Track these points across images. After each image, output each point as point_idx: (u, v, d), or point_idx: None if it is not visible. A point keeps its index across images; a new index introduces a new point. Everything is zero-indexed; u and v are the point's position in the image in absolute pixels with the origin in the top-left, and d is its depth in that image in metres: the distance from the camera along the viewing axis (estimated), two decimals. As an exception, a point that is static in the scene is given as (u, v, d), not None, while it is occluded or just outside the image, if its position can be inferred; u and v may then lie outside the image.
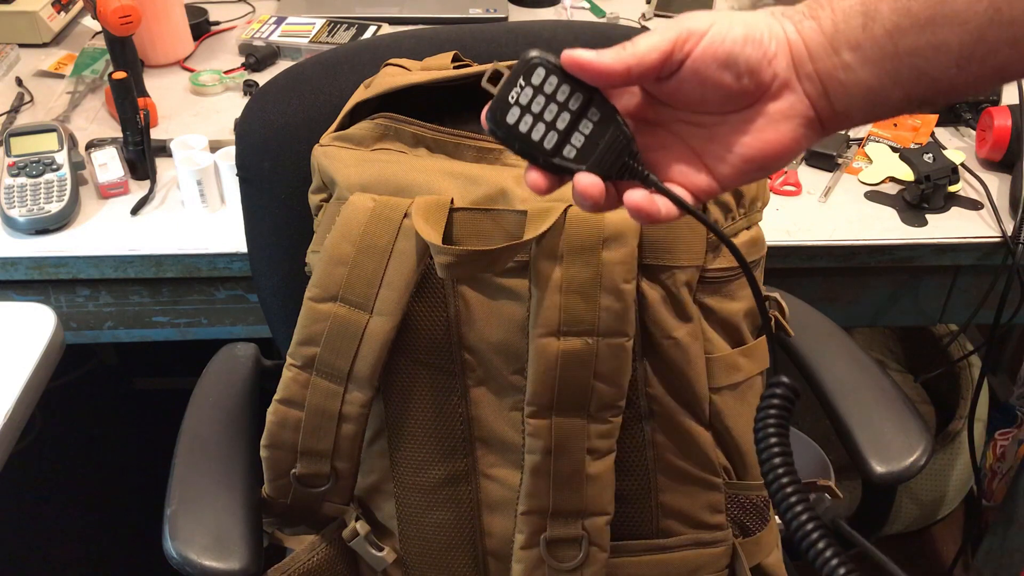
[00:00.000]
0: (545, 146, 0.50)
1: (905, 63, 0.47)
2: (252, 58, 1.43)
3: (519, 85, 0.49)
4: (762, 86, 0.49)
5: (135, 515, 1.74)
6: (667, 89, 0.50)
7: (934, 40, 0.46)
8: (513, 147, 0.50)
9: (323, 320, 0.75)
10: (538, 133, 0.50)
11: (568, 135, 0.50)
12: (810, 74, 0.49)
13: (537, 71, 0.49)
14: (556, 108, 0.50)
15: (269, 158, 0.87)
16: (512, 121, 0.50)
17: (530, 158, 0.51)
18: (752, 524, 0.84)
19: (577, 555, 0.78)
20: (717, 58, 0.48)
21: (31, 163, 1.13)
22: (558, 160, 0.50)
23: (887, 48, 0.47)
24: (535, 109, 0.50)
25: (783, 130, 0.50)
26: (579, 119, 0.50)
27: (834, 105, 0.50)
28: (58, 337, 0.90)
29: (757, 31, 0.48)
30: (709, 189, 0.52)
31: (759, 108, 0.50)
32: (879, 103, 0.49)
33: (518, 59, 0.50)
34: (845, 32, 0.48)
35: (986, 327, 1.23)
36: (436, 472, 0.81)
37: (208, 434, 0.88)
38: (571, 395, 0.74)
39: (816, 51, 0.49)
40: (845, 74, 0.49)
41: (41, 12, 1.48)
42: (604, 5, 1.63)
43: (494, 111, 0.50)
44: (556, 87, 0.50)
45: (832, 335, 0.98)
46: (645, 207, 0.50)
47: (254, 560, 0.76)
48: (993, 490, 1.77)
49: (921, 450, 0.85)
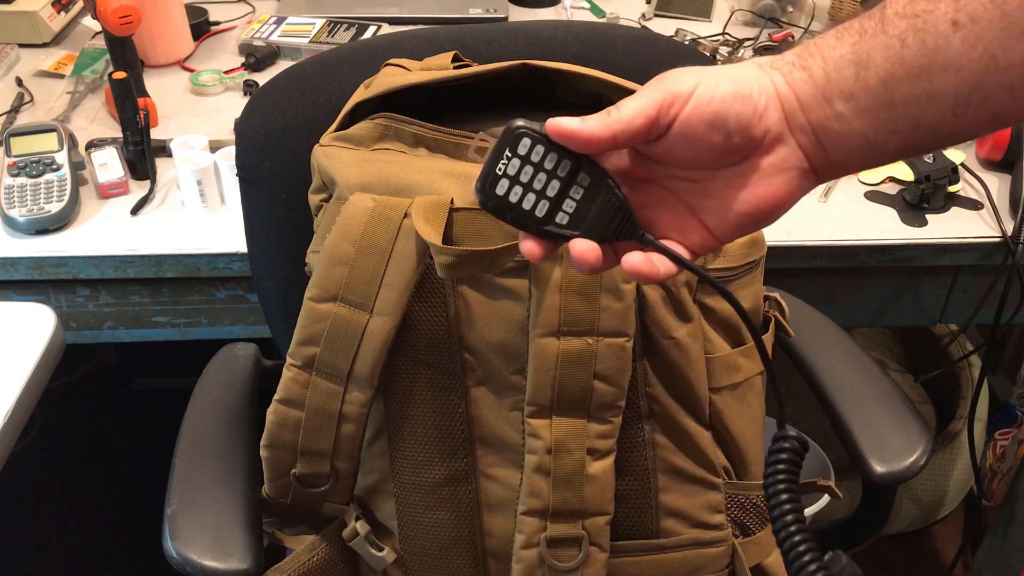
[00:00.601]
0: (537, 215, 0.50)
1: (900, 112, 0.46)
2: (252, 58, 1.43)
3: (505, 156, 0.49)
4: (754, 141, 0.48)
5: (135, 515, 1.74)
6: (657, 149, 0.49)
7: (929, 88, 0.46)
8: (505, 217, 0.50)
9: (323, 320, 0.75)
10: (529, 202, 0.49)
11: (559, 202, 0.50)
12: (803, 126, 0.48)
13: (523, 141, 0.49)
14: (545, 176, 0.49)
15: (269, 158, 0.87)
16: (502, 192, 0.49)
17: (523, 227, 0.50)
18: (752, 524, 0.84)
19: (577, 555, 0.78)
20: (705, 119, 0.47)
21: (31, 163, 1.13)
22: (551, 228, 0.50)
23: (881, 97, 0.47)
24: (524, 179, 0.49)
25: (777, 183, 0.49)
26: (569, 185, 0.50)
27: (829, 155, 0.49)
28: (58, 337, 0.90)
29: (745, 86, 0.48)
30: (706, 244, 0.51)
31: (752, 162, 0.49)
32: (875, 152, 0.48)
33: (502, 132, 0.49)
34: (837, 82, 0.47)
35: (986, 327, 1.23)
36: (436, 472, 0.81)
37: (208, 434, 0.88)
38: (571, 395, 0.74)
39: (808, 102, 0.48)
40: (839, 124, 0.48)
41: (41, 12, 1.48)
42: (604, 5, 1.63)
43: (483, 183, 0.49)
44: (543, 155, 0.49)
45: (832, 335, 0.98)
46: (644, 269, 0.49)
47: (254, 560, 0.76)
48: (993, 490, 1.77)
49: (921, 450, 0.85)
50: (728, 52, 1.48)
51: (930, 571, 1.72)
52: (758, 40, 1.53)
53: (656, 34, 0.99)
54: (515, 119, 0.49)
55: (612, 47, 0.89)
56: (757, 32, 1.56)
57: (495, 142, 0.49)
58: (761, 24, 1.58)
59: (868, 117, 0.47)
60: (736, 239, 0.52)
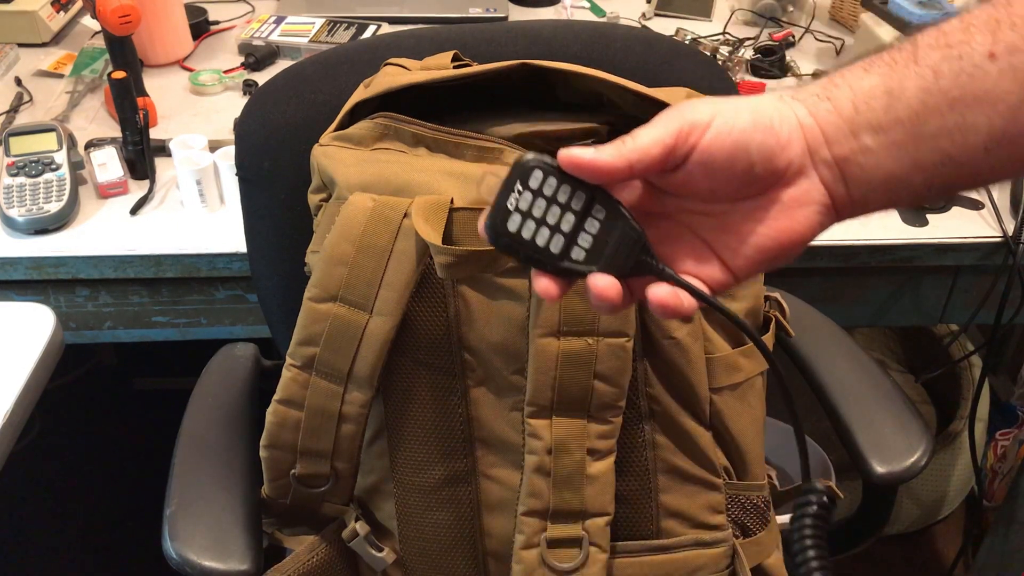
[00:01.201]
0: (552, 250, 0.47)
1: (930, 146, 0.45)
2: (251, 58, 1.43)
3: (516, 190, 0.47)
4: (776, 173, 0.46)
5: (135, 515, 1.74)
6: (674, 181, 0.47)
7: (962, 122, 0.44)
8: (518, 256, 0.48)
9: (323, 320, 0.75)
10: (543, 238, 0.47)
11: (574, 236, 0.47)
12: (827, 159, 0.47)
13: (534, 174, 0.47)
14: (559, 210, 0.47)
15: (269, 158, 0.87)
16: (514, 228, 0.47)
17: (537, 264, 0.48)
18: (753, 525, 0.84)
19: (577, 556, 0.78)
20: (725, 148, 0.45)
21: (30, 163, 1.13)
22: (567, 264, 0.48)
23: (912, 130, 0.45)
24: (536, 213, 0.47)
25: (798, 217, 0.47)
26: (584, 218, 0.47)
27: (851, 191, 0.47)
28: (57, 337, 0.90)
29: (765, 117, 0.46)
30: (724, 281, 0.49)
31: (772, 195, 0.47)
32: (899, 189, 0.47)
33: (512, 165, 0.47)
34: (866, 113, 0.46)
35: (987, 327, 1.23)
36: (436, 472, 0.80)
37: (208, 434, 0.88)
38: (571, 395, 0.74)
39: (833, 135, 0.46)
40: (865, 158, 0.46)
41: (40, 12, 1.48)
42: (604, 5, 1.63)
43: (493, 220, 0.47)
44: (556, 188, 0.47)
45: (833, 335, 0.98)
46: (671, 303, 0.47)
47: (253, 560, 0.76)
48: (994, 490, 1.76)
49: (922, 450, 0.85)
50: (728, 51, 1.48)
51: (931, 571, 1.72)
52: (758, 40, 1.53)
53: (656, 34, 0.99)
54: (523, 154, 0.47)
55: (612, 47, 0.89)
56: (757, 32, 1.55)
57: (504, 177, 0.47)
58: (761, 23, 1.58)
59: (896, 151, 0.46)
60: (753, 276, 0.49)
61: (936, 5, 1.34)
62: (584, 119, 0.81)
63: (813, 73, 1.44)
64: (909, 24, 1.32)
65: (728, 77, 0.92)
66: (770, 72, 1.44)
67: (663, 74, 0.88)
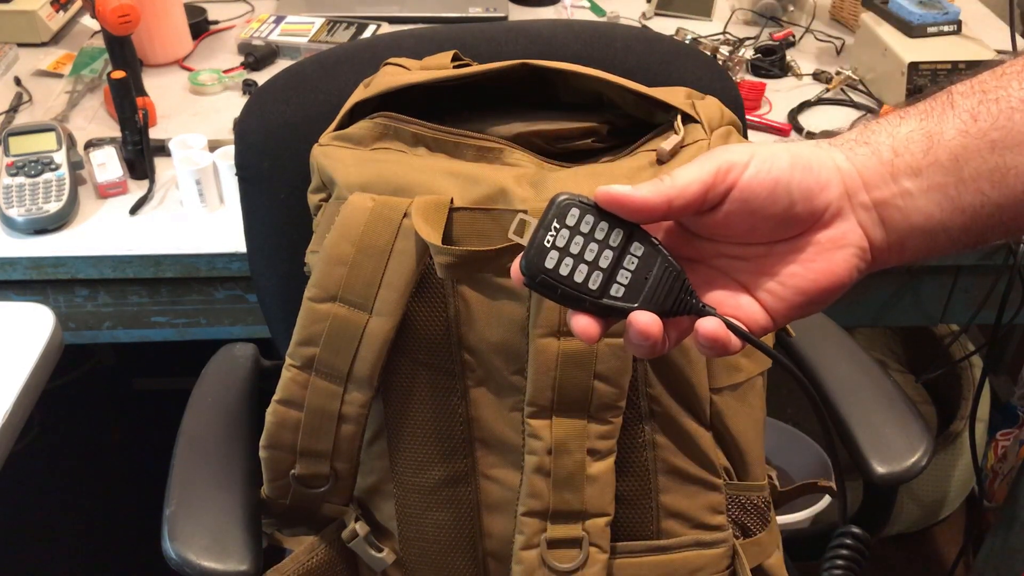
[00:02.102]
0: (591, 287, 0.47)
1: (969, 188, 0.45)
2: (251, 57, 1.42)
3: (553, 228, 0.47)
4: (815, 214, 0.46)
5: (134, 516, 1.74)
6: (710, 222, 0.47)
7: (1002, 164, 0.44)
8: (555, 293, 0.47)
9: (322, 320, 0.75)
10: (581, 274, 0.47)
11: (613, 273, 0.47)
12: (865, 203, 0.46)
13: (571, 212, 0.47)
14: (597, 247, 0.47)
15: (268, 158, 0.86)
16: (552, 265, 0.47)
17: (575, 303, 0.47)
18: (753, 525, 0.84)
19: (577, 556, 0.78)
20: (765, 186, 0.45)
21: (30, 163, 1.13)
22: (607, 301, 0.47)
23: (951, 173, 0.45)
24: (574, 250, 0.47)
25: (837, 260, 0.47)
26: (623, 256, 0.47)
27: (889, 236, 0.47)
28: (57, 337, 0.90)
29: (803, 158, 0.46)
30: (764, 323, 0.48)
31: (809, 238, 0.47)
32: (938, 233, 0.46)
33: (547, 204, 0.47)
34: (905, 157, 0.46)
35: (987, 327, 1.23)
36: (436, 473, 0.80)
37: (207, 435, 0.88)
38: (571, 395, 0.74)
39: (872, 179, 0.46)
40: (904, 202, 0.46)
41: (40, 11, 1.48)
42: (604, 4, 1.63)
43: (529, 260, 0.47)
44: (593, 225, 0.47)
45: (833, 335, 0.98)
46: (721, 336, 0.46)
47: (253, 561, 0.76)
48: (994, 491, 1.76)
49: (922, 451, 0.84)
50: (728, 51, 1.48)
51: (931, 572, 1.72)
52: (759, 39, 1.53)
53: (657, 33, 0.98)
54: (559, 193, 0.47)
55: (612, 46, 0.89)
56: (758, 31, 1.55)
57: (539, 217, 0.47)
58: (762, 23, 1.58)
59: (935, 194, 0.45)
60: (790, 320, 0.49)
61: (936, 5, 1.34)
62: (584, 119, 0.81)
63: (813, 73, 1.44)
64: (909, 24, 1.32)
65: (728, 77, 0.92)
66: (770, 72, 1.44)
67: (663, 74, 0.88)
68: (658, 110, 0.80)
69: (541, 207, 0.71)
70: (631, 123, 0.82)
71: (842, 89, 1.39)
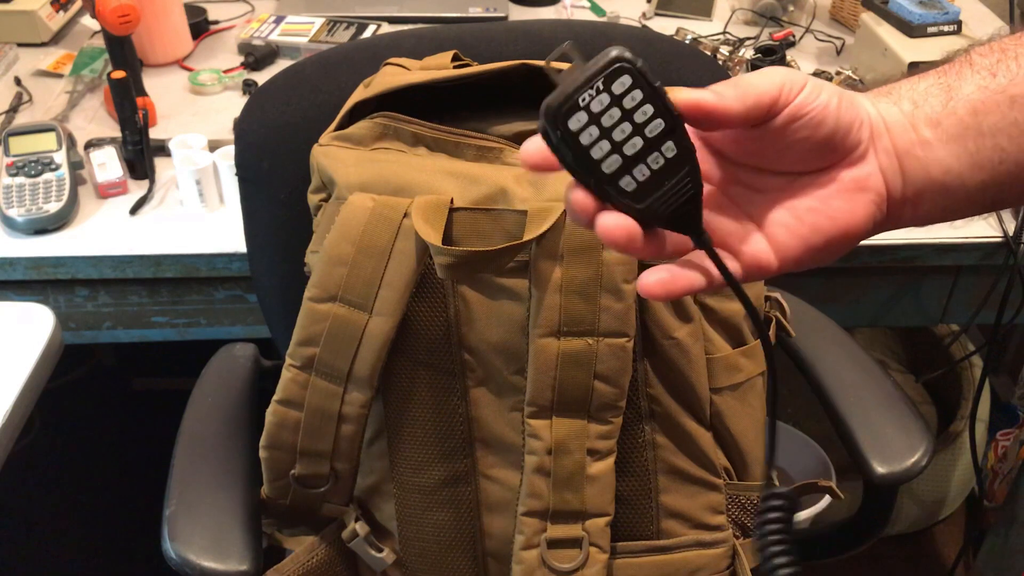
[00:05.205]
0: (604, 170, 0.42)
1: (988, 142, 0.45)
2: (251, 57, 1.42)
3: (596, 88, 0.41)
4: (849, 147, 0.45)
5: (134, 516, 1.74)
6: (744, 138, 0.45)
7: (1021, 119, 0.44)
8: (564, 158, 0.42)
9: (322, 320, 0.75)
10: (600, 152, 0.42)
11: (633, 164, 0.42)
12: (887, 148, 0.46)
13: (622, 78, 0.41)
14: (630, 128, 0.42)
15: (268, 158, 0.86)
16: (575, 128, 0.41)
17: (579, 177, 0.43)
18: (753, 525, 0.84)
19: (577, 556, 0.78)
20: (816, 108, 0.44)
21: (30, 163, 1.13)
22: (612, 189, 0.42)
23: (970, 126, 0.45)
24: (606, 123, 0.41)
25: (857, 202, 0.46)
26: (651, 150, 0.42)
27: (905, 186, 0.46)
28: (57, 337, 0.90)
29: (846, 93, 0.45)
30: (768, 262, 0.46)
31: (833, 174, 0.46)
32: (955, 189, 0.46)
33: (601, 53, 0.41)
34: (924, 108, 0.46)
35: (988, 327, 1.22)
36: (436, 473, 0.80)
37: (207, 435, 0.88)
38: (571, 395, 0.74)
39: (894, 127, 0.46)
40: (923, 151, 0.46)
41: (40, 11, 1.48)
42: (604, 4, 1.63)
43: (556, 109, 0.41)
44: (638, 104, 0.42)
45: (833, 335, 0.98)
46: (659, 291, 0.45)
47: (253, 561, 0.76)
48: (994, 491, 1.76)
49: (922, 451, 0.84)
50: (729, 51, 1.48)
51: (931, 572, 1.72)
52: (759, 39, 1.53)
53: (657, 33, 0.98)
54: (615, 48, 0.41)
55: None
56: (758, 31, 1.55)
57: (586, 65, 0.42)
58: (762, 23, 1.57)
59: (954, 146, 0.45)
60: (798, 265, 0.47)
61: (936, 5, 1.34)
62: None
63: (813, 73, 1.44)
64: (909, 24, 1.32)
65: (728, 77, 0.92)
66: (770, 72, 1.43)
67: (663, 74, 0.88)
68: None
69: (541, 206, 0.72)
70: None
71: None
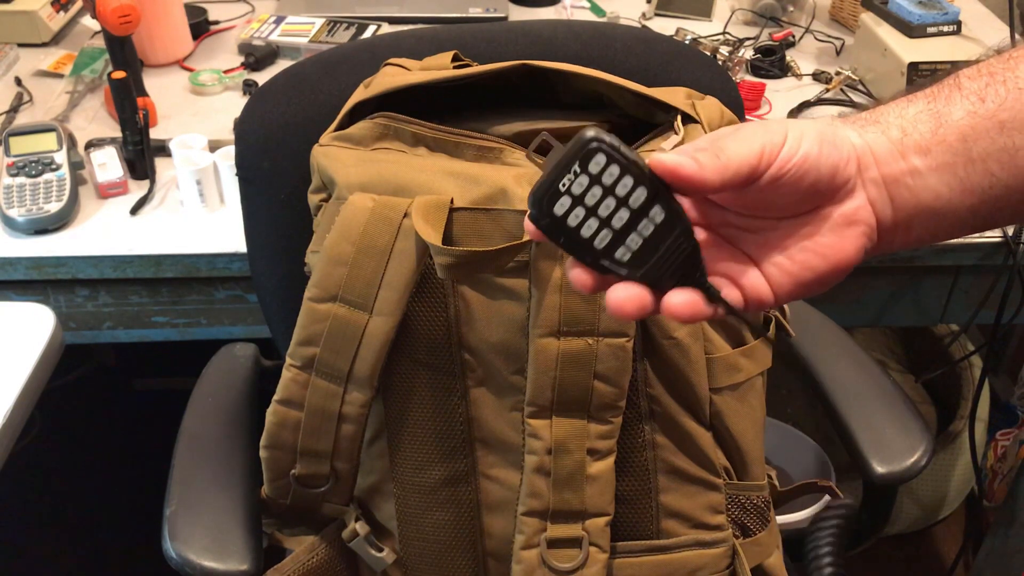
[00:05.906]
0: (596, 246, 0.44)
1: (978, 168, 0.45)
2: (251, 57, 1.43)
3: (573, 172, 0.42)
4: (835, 188, 0.45)
5: (134, 516, 1.74)
6: (730, 195, 0.46)
7: (1010, 144, 0.44)
8: (558, 241, 0.44)
9: (322, 320, 0.75)
10: (589, 230, 0.43)
11: (624, 235, 0.44)
12: (875, 178, 0.46)
13: (596, 158, 0.42)
14: (614, 204, 0.43)
15: (268, 158, 0.87)
16: (561, 212, 0.43)
17: (576, 255, 0.44)
18: (753, 525, 0.84)
19: (577, 556, 0.78)
20: (796, 163, 0.44)
21: (30, 163, 1.13)
22: (608, 263, 0.44)
23: (959, 152, 0.45)
24: (589, 202, 0.43)
25: (847, 236, 0.46)
26: (639, 219, 0.43)
27: (896, 215, 0.46)
28: (57, 337, 0.90)
29: (828, 135, 0.45)
30: (767, 299, 0.47)
31: (822, 212, 0.46)
32: (945, 214, 0.46)
33: (574, 139, 0.43)
34: (914, 136, 0.46)
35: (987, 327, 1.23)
36: (436, 473, 0.80)
37: (207, 435, 0.88)
38: (571, 395, 0.74)
39: (883, 156, 0.46)
40: (913, 179, 0.46)
41: (40, 11, 1.48)
42: (604, 4, 1.63)
43: (540, 197, 0.43)
44: (617, 179, 0.43)
45: (833, 335, 0.98)
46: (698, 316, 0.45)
47: (253, 561, 0.76)
48: (994, 490, 1.76)
49: (922, 450, 0.85)
50: (728, 51, 1.48)
51: (931, 572, 1.72)
52: (758, 40, 1.53)
53: (656, 34, 0.98)
54: (588, 129, 0.43)
55: (612, 47, 0.89)
56: (758, 31, 1.55)
57: (562, 150, 0.43)
58: (762, 23, 1.58)
59: (943, 173, 0.45)
60: (792, 297, 0.48)
61: (936, 5, 1.34)
62: (584, 119, 0.81)
63: (813, 73, 1.44)
64: (909, 24, 1.32)
65: (728, 77, 0.92)
66: (770, 72, 1.44)
67: (663, 74, 0.88)
68: (658, 110, 0.80)
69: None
70: (631, 123, 0.82)
71: (842, 89, 1.39)
